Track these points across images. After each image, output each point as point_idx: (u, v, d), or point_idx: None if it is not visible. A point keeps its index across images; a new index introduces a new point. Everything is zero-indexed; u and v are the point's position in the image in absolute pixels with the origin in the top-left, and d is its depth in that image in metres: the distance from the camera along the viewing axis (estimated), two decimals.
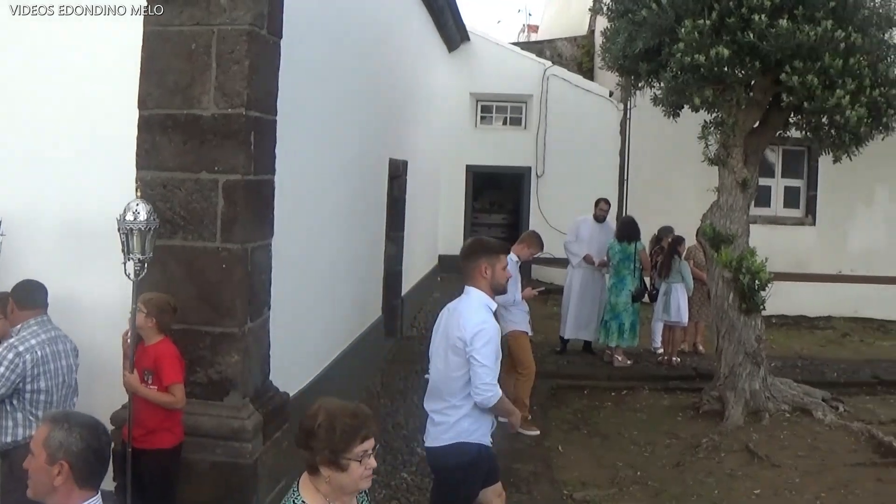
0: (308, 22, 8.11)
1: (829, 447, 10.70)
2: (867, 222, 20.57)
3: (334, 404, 3.91)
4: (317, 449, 3.80)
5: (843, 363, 15.20)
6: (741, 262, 11.65)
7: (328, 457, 3.79)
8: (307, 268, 8.86)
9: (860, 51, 11.01)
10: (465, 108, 22.74)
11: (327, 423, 3.80)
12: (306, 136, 8.51)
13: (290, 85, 7.51)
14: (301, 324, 8.72)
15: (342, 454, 3.79)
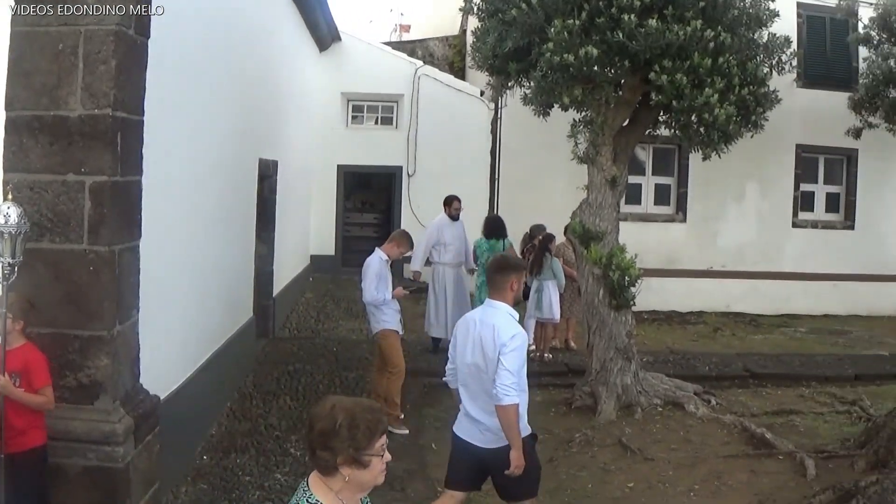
0: (176, 22, 8.15)
1: (701, 440, 11.14)
2: (738, 218, 21.36)
3: (348, 402, 3.96)
4: (339, 448, 3.83)
5: (714, 357, 15.85)
6: (611, 259, 12.03)
7: (351, 455, 3.84)
8: (176, 269, 8.89)
9: (729, 50, 11.49)
10: (336, 107, 22.83)
11: (349, 421, 3.84)
12: (175, 136, 8.55)
13: (158, 85, 7.54)
14: (171, 325, 8.76)
15: (364, 451, 3.85)
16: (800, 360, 15.98)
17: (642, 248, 14.75)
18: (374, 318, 11.13)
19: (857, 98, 19.67)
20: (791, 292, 21.32)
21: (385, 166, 22.92)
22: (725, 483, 9.69)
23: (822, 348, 17.64)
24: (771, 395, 13.86)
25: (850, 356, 16.85)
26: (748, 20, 12.23)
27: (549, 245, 14.78)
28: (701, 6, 11.25)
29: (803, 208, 22.01)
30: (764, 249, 21.44)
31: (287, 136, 16.94)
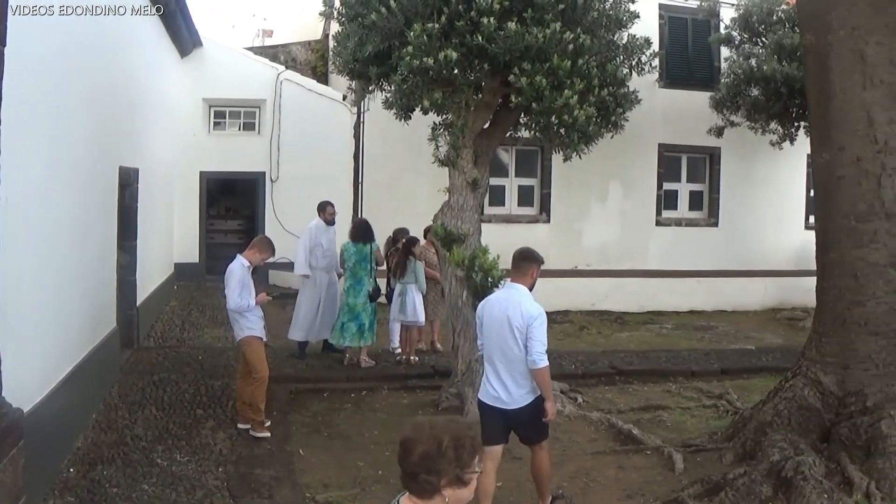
0: (32, 29, 8.24)
1: (569, 437, 11.66)
2: (601, 218, 22.04)
3: (444, 422, 3.99)
4: (445, 470, 3.83)
5: (581, 355, 16.39)
6: (473, 261, 12.40)
7: (456, 475, 3.85)
8: (35, 280, 8.86)
9: (589, 52, 12.01)
10: (198, 113, 22.79)
11: (454, 443, 3.85)
12: (32, 145, 8.55)
13: (14, 93, 7.57)
14: (32, 337, 8.79)
15: (468, 470, 3.88)
16: (666, 356, 16.65)
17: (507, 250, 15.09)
18: (238, 324, 11.33)
19: (719, 97, 20.59)
20: (656, 289, 22.11)
21: (248, 172, 23.02)
22: (594, 479, 10.19)
23: (688, 344, 18.42)
24: (637, 392, 14.48)
25: (716, 351, 17.65)
26: (608, 22, 12.76)
27: (412, 248, 15.16)
28: (560, 9, 11.73)
29: (667, 206, 22.84)
30: (628, 248, 22.21)
31: (148, 143, 16.94)
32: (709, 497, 9.46)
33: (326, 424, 12.19)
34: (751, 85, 19.80)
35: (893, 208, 10.33)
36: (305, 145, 22.26)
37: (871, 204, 10.35)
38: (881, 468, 9.79)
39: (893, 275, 10.35)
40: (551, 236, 21.52)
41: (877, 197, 10.33)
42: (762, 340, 19.08)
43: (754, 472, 9.67)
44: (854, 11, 10.45)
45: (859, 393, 10.41)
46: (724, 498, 9.37)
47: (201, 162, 22.65)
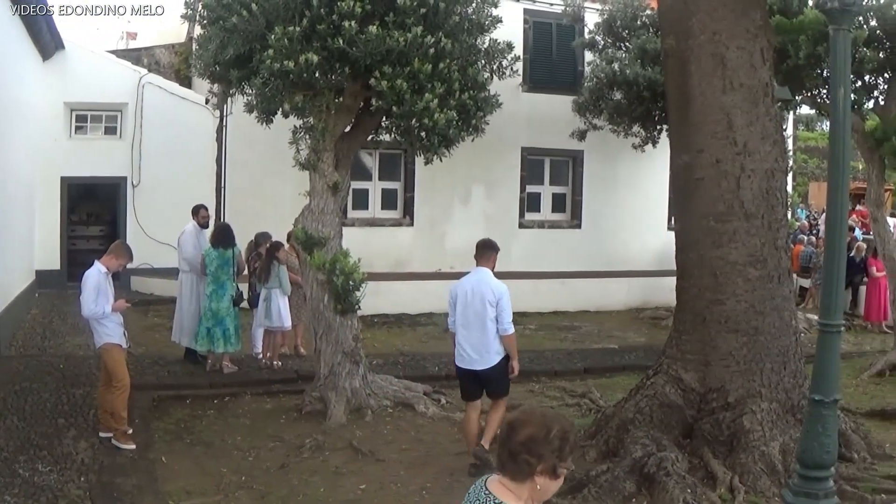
0: None
1: (432, 438, 11.75)
2: (465, 220, 22.17)
3: (555, 415, 4.07)
4: (546, 457, 3.90)
5: (444, 357, 16.07)
6: (335, 264, 12.43)
7: (554, 464, 3.91)
8: None
9: (450, 56, 12.09)
10: (59, 117, 22.19)
11: (561, 434, 3.93)
12: None
13: None
14: None
15: (563, 464, 3.92)
16: (529, 356, 16.51)
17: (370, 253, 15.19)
18: (97, 332, 11.09)
19: (582, 101, 20.93)
20: (520, 291, 22.01)
21: (109, 177, 22.50)
22: (458, 479, 10.19)
23: (552, 344, 18.61)
24: None
25: (579, 350, 17.90)
26: (470, 26, 12.87)
27: (277, 253, 15.04)
28: (422, 13, 11.80)
29: (530, 209, 23.10)
30: None
31: (7, 148, 16.49)
32: (572, 494, 9.57)
33: (189, 431, 12.04)
34: (613, 89, 20.20)
35: (752, 208, 10.62)
36: (168, 149, 21.93)
37: (731, 204, 10.62)
38: (744, 462, 10.08)
39: (753, 273, 10.64)
40: (415, 239, 21.60)
41: (736, 198, 10.61)
42: (625, 340, 19.42)
43: (617, 469, 9.85)
44: (715, 17, 10.71)
45: (721, 389, 10.67)
46: (588, 495, 9.52)
47: (62, 167, 22.09)
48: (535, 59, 22.60)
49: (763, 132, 10.81)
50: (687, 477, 9.75)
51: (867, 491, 9.65)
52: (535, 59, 22.66)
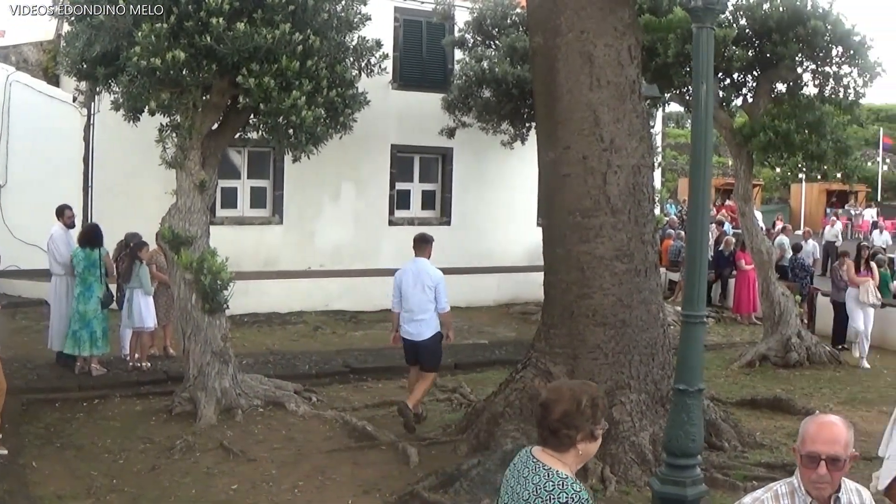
0: None
1: (304, 437, 11.76)
2: (334, 218, 22.07)
3: (581, 385, 4.52)
4: (582, 425, 4.31)
5: (315, 355, 16.48)
6: (202, 264, 12.34)
7: (591, 430, 4.33)
8: None
9: (318, 53, 12.09)
10: None
11: (591, 402, 4.35)
12: None
13: None
14: None
15: (598, 426, 4.36)
16: (399, 353, 16.46)
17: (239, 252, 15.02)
18: None
19: (451, 99, 21.05)
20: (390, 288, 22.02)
21: None
22: (329, 477, 10.31)
23: None
24: (372, 389, 14.76)
25: (449, 346, 17.73)
26: (339, 24, 12.88)
27: (139, 252, 14.81)
28: (290, 10, 11.79)
29: (399, 206, 23.08)
30: (361, 248, 22.29)
31: None
32: (444, 488, 9.75)
33: (59, 435, 11.81)
34: (482, 86, 20.35)
35: (619, 204, 10.84)
36: (36, 148, 21.30)
37: (597, 200, 10.83)
38: (614, 453, 10.33)
39: (619, 267, 10.87)
40: (284, 237, 21.44)
41: (602, 193, 10.82)
42: (495, 335, 19.62)
43: (488, 462, 9.99)
44: (583, 15, 10.90)
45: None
46: (459, 488, 9.65)
47: None
48: (405, 57, 22.64)
49: (630, 129, 11.05)
50: None
51: (738, 478, 9.99)
52: (406, 57, 22.70)
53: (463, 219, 23.44)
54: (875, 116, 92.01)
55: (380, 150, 22.32)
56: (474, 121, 20.98)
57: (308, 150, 12.65)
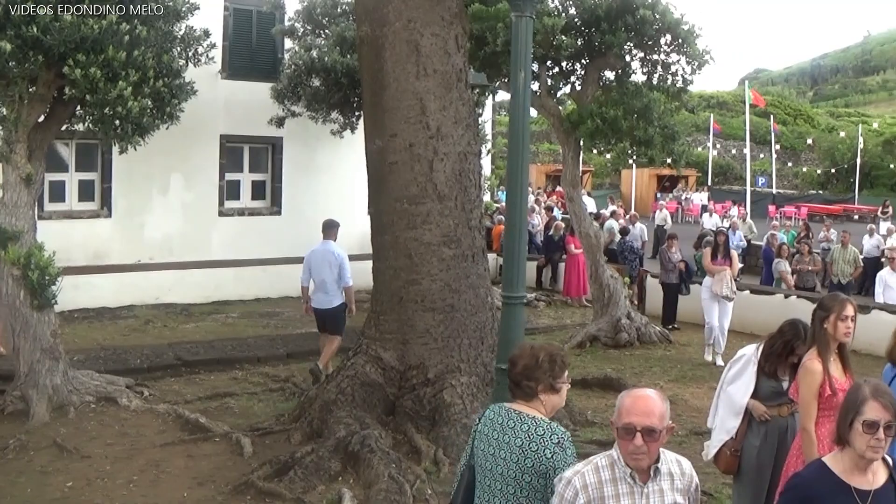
0: None
1: (137, 431, 11.68)
2: (164, 210, 21.75)
3: (542, 345, 5.46)
4: (541, 378, 5.22)
5: (146, 349, 16.28)
6: (29, 259, 12.11)
7: (550, 383, 5.24)
8: None
9: (145, 43, 11.99)
10: None
11: (549, 358, 5.25)
12: None
13: None
14: None
15: (559, 380, 5.27)
16: (232, 344, 16.89)
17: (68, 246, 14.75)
18: None
19: (280, 88, 21.01)
20: (221, 279, 22.15)
21: None
22: (164, 471, 10.31)
23: (255, 331, 18.76)
24: (205, 381, 14.66)
25: (281, 336, 18.15)
26: (167, 13, 12.79)
27: None
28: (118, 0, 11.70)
29: (229, 197, 22.87)
30: (192, 239, 22.03)
31: None
32: (279, 477, 9.86)
33: None
34: (312, 76, 20.37)
35: (445, 190, 11.09)
36: None
37: (424, 187, 11.06)
38: (447, 435, 10.57)
39: (447, 253, 11.12)
40: (113, 231, 21.07)
41: (429, 180, 11.05)
42: None
43: (322, 449, 10.14)
44: (410, 4, 11.11)
45: (420, 366, 11.11)
46: (294, 476, 9.78)
47: None
48: (234, 47, 22.42)
49: (456, 116, 11.30)
50: (391, 452, 10.14)
51: None
52: (235, 47, 22.48)
53: (293, 208, 23.37)
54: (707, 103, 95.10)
55: (209, 141, 22.09)
56: (304, 110, 21.00)
57: (135, 141, 12.51)
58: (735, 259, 18.25)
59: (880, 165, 75.85)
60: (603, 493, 4.61)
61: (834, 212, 55.91)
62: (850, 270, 23.34)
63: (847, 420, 4.70)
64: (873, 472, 4.76)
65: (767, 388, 7.71)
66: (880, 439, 4.59)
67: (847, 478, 4.71)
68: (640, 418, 4.49)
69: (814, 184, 79.13)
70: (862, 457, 4.66)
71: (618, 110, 17.01)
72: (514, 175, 6.18)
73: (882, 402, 4.63)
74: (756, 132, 72.05)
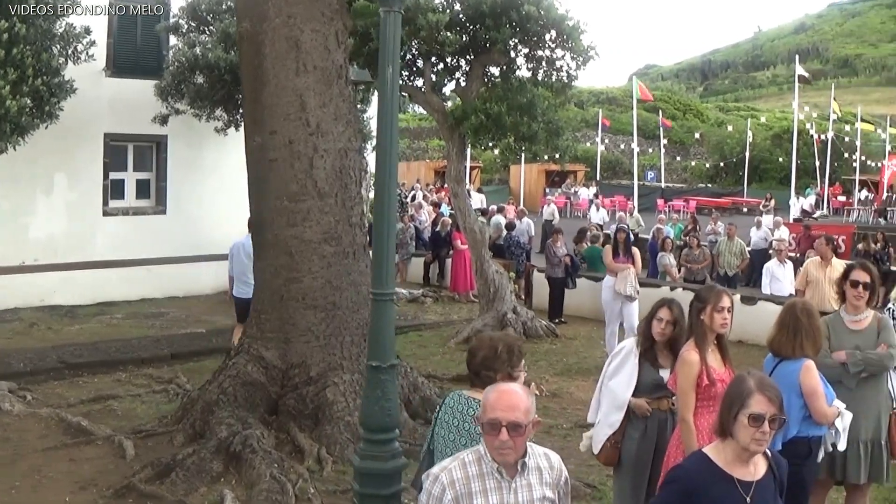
0: None
1: (19, 436, 11.42)
2: (47, 211, 21.32)
3: (500, 335, 5.93)
4: (499, 368, 5.53)
5: (29, 352, 15.88)
6: None
7: (508, 372, 5.52)
8: None
9: (24, 41, 11.77)
10: None
11: (507, 349, 5.60)
12: None
13: None
14: None
15: (516, 369, 5.59)
16: (116, 345, 16.54)
17: None
18: None
19: (164, 85, 20.73)
20: (106, 280, 21.78)
21: None
22: (46, 476, 10.10)
23: (139, 332, 18.41)
24: (88, 384, 14.35)
25: (166, 337, 17.85)
26: (47, 11, 12.57)
27: None
28: None
29: (113, 196, 22.50)
30: (76, 240, 21.59)
31: None
32: (160, 479, 9.71)
33: None
34: (195, 73, 20.14)
35: (326, 188, 11.07)
36: None
37: (304, 184, 11.02)
38: (330, 434, 10.54)
39: (328, 250, 11.10)
40: None
41: (309, 177, 11.01)
42: (213, 323, 19.37)
43: (203, 450, 10.03)
44: (290, 1, 11.04)
45: (302, 364, 11.07)
46: (176, 478, 9.66)
47: None
48: (119, 44, 22.04)
49: (336, 113, 11.29)
50: (273, 452, 10.08)
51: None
52: (120, 44, 22.09)
53: (179, 207, 23.09)
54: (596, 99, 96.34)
55: (92, 139, 21.69)
56: (188, 108, 20.75)
57: (14, 141, 12.31)
58: (638, 257, 17.62)
59: (769, 159, 77.76)
60: (470, 489, 4.62)
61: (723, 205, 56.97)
62: (737, 262, 23.57)
63: (731, 412, 4.73)
64: (755, 463, 4.81)
65: (649, 380, 7.75)
66: (765, 432, 4.63)
67: (730, 469, 4.75)
68: (504, 413, 4.51)
69: (703, 177, 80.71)
70: (746, 449, 4.71)
71: (502, 106, 17.01)
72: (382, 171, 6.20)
73: (767, 395, 4.68)
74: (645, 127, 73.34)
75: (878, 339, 8.25)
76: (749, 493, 4.71)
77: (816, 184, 65.38)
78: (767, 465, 4.88)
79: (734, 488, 4.71)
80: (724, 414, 4.81)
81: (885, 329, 8.30)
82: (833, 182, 67.06)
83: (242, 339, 11.73)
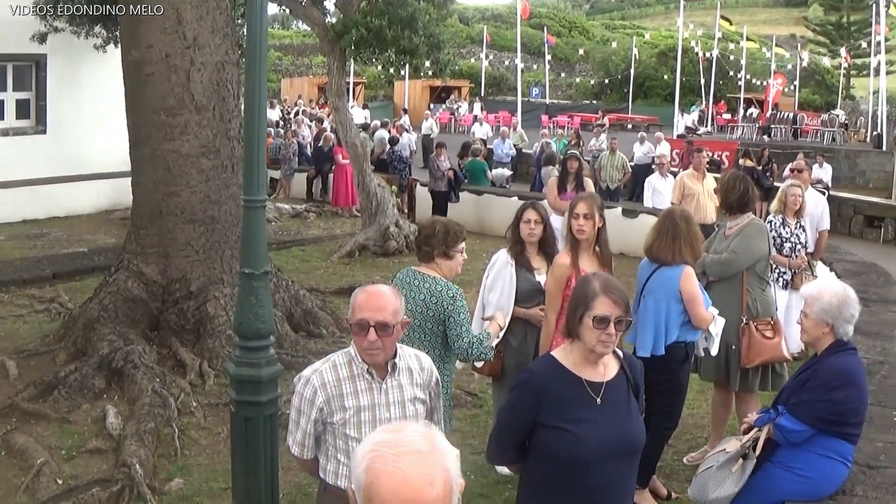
0: None
1: None
2: None
3: (444, 220, 6.93)
4: (435, 245, 6.54)
5: None
6: None
7: (443, 250, 6.54)
8: None
9: None
10: None
11: (444, 230, 6.58)
12: None
13: None
14: None
15: (452, 248, 6.56)
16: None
17: None
18: None
19: (41, 3, 20.09)
20: None
21: None
22: None
23: (21, 253, 17.93)
24: None
25: (48, 257, 17.38)
26: None
27: None
28: None
29: None
30: None
31: None
32: (43, 397, 9.62)
33: None
34: None
35: (203, 101, 10.91)
36: None
37: (181, 98, 10.83)
38: (211, 347, 10.51)
39: (206, 164, 10.96)
40: None
41: (186, 91, 10.83)
42: (95, 242, 19.06)
43: (85, 367, 9.94)
44: None
45: (182, 279, 10.97)
46: (58, 396, 9.58)
47: None
48: None
49: (213, 26, 11.08)
50: (155, 367, 10.03)
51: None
52: None
53: (59, 127, 22.50)
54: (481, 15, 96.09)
55: None
56: (66, 25, 20.14)
57: None
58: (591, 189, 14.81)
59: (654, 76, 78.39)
60: (342, 391, 4.63)
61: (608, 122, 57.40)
62: (619, 176, 23.75)
63: (577, 314, 4.64)
64: (605, 364, 4.75)
65: (526, 286, 7.80)
66: (611, 334, 4.55)
67: (578, 371, 4.68)
68: (372, 313, 4.49)
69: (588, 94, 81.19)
70: (592, 351, 4.63)
71: (383, 20, 16.84)
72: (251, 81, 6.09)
73: (612, 297, 4.58)
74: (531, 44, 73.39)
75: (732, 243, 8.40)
76: (599, 393, 4.65)
77: (701, 101, 66.04)
78: (619, 367, 4.82)
79: (583, 389, 4.65)
80: (570, 316, 4.74)
81: (740, 235, 8.42)
82: (718, 100, 67.76)
83: (122, 255, 11.53)
